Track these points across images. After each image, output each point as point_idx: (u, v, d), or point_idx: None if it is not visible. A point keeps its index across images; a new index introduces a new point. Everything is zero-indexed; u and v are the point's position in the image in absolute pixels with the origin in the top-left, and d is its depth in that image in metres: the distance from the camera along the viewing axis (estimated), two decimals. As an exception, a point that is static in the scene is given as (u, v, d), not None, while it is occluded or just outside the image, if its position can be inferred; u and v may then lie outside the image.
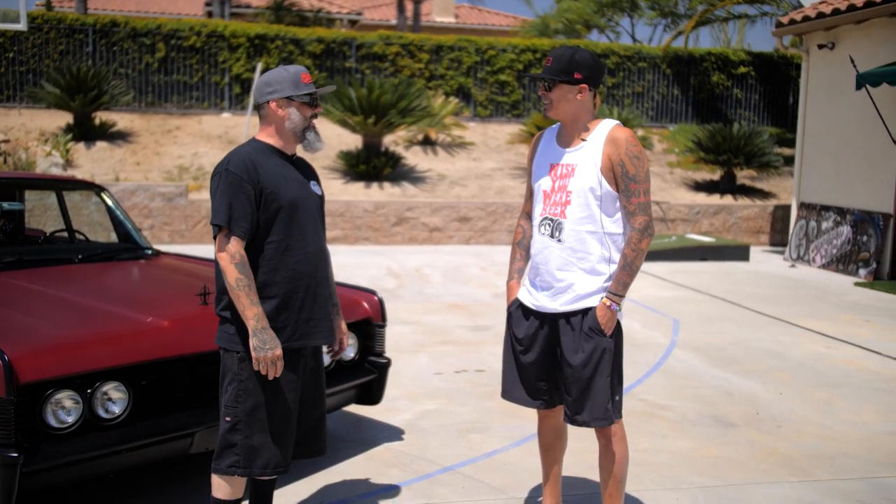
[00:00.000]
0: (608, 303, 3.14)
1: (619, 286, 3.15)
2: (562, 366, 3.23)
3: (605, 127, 3.19)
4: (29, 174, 7.53)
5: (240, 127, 15.65)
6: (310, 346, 3.12)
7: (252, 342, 2.91)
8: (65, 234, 5.55)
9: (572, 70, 3.14)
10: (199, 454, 3.67)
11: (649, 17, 23.01)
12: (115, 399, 3.39)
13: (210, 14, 22.19)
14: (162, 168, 14.11)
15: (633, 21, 24.15)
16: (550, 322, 3.24)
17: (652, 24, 23.56)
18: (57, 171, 12.83)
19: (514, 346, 3.34)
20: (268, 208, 2.98)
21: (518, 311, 3.35)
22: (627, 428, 4.62)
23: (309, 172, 3.23)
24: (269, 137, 3.12)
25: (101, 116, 15.09)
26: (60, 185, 5.93)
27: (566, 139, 3.25)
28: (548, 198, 3.22)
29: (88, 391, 3.33)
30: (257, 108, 3.14)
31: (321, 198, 3.22)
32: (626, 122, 15.62)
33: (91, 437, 3.31)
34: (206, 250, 10.83)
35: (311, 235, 3.08)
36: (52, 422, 3.24)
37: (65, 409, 3.27)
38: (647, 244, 3.15)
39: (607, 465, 3.28)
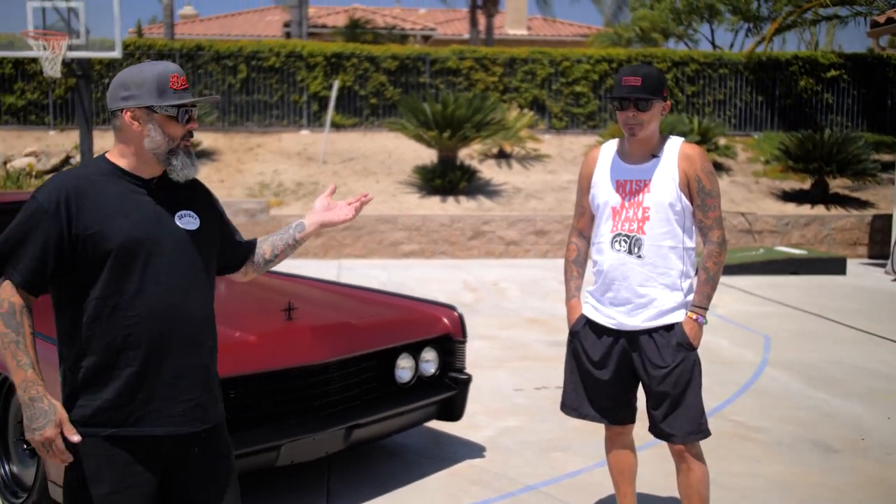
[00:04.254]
0: (694, 316, 3.15)
1: (704, 299, 3.17)
2: (647, 382, 3.19)
3: (675, 143, 3.21)
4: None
5: (317, 144, 15.93)
6: (148, 434, 2.27)
7: (24, 419, 2.18)
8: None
9: (662, 87, 3.16)
10: (283, 466, 3.74)
11: (730, 22, 22.52)
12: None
13: (288, 35, 22.68)
14: (244, 185, 14.46)
15: (713, 27, 23.67)
16: (628, 339, 3.22)
17: (733, 29, 23.03)
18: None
19: (586, 364, 3.31)
20: (89, 254, 2.22)
21: (586, 329, 3.32)
22: (717, 450, 4.53)
23: (179, 199, 2.40)
24: (120, 157, 2.34)
25: (187, 136, 15.56)
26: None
27: (633, 156, 3.23)
28: (618, 214, 3.21)
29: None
30: (111, 114, 2.37)
31: (197, 232, 2.38)
32: (707, 131, 15.34)
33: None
34: (287, 265, 11.02)
35: (161, 289, 2.27)
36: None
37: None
38: (725, 257, 3.20)
39: (689, 487, 3.21)
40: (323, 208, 2.68)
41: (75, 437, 2.19)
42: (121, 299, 2.24)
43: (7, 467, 3.85)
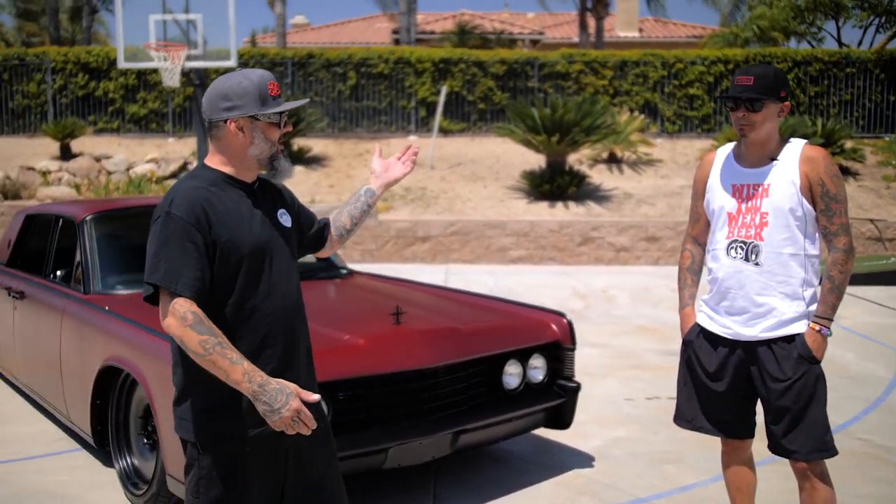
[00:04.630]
0: (818, 327, 2.99)
1: (829, 309, 3.00)
2: (766, 396, 3.05)
3: (797, 146, 3.06)
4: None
5: (425, 149, 16.05)
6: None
7: (259, 408, 2.23)
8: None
9: (779, 88, 3.02)
10: (391, 469, 3.75)
11: (858, 18, 21.43)
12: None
13: (397, 41, 23.00)
14: (353, 190, 14.68)
15: (839, 24, 22.60)
16: (745, 349, 3.08)
17: (861, 25, 21.90)
18: (259, 195, 13.69)
19: (700, 374, 3.19)
20: (224, 262, 2.31)
21: (700, 339, 3.20)
22: (843, 469, 4.28)
23: (275, 198, 2.54)
24: (224, 165, 2.41)
25: (298, 142, 15.95)
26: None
27: (751, 159, 3.10)
28: (734, 220, 3.08)
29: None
30: (208, 124, 2.42)
31: (290, 229, 2.52)
32: (832, 134, 14.66)
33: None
34: (396, 269, 11.14)
35: (284, 288, 2.41)
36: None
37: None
38: (852, 265, 3.01)
39: None
40: (383, 170, 2.80)
41: (315, 397, 2.30)
42: (257, 301, 2.34)
43: (129, 460, 4.01)
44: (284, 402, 2.21)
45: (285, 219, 2.50)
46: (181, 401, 2.39)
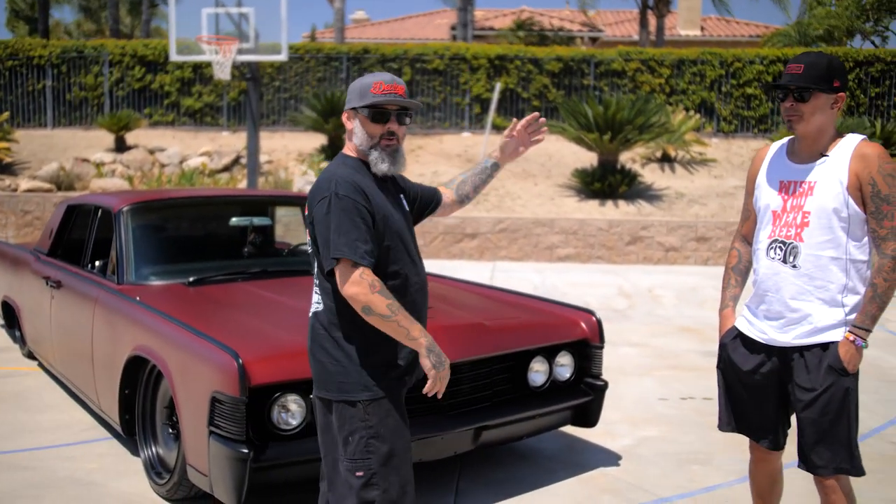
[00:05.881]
0: (852, 338, 2.81)
1: (867, 319, 2.80)
2: (795, 405, 2.94)
3: (851, 142, 2.87)
4: (275, 192, 8.16)
5: (478, 146, 16.06)
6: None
7: (428, 360, 2.63)
8: (307, 247, 5.94)
9: (832, 77, 2.83)
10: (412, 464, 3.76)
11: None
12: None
13: (454, 38, 23.03)
14: (404, 186, 14.78)
15: (904, 23, 21.94)
16: (780, 356, 2.95)
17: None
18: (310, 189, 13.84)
19: (733, 378, 3.09)
20: (384, 236, 2.67)
21: (737, 342, 3.08)
22: (877, 474, 4.18)
23: (397, 186, 2.92)
24: (354, 153, 2.79)
25: (350, 137, 16.08)
26: (304, 202, 6.33)
27: (802, 154, 2.94)
28: (778, 218, 2.93)
29: (312, 396, 3.51)
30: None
31: (410, 212, 2.92)
32: (891, 136, 14.26)
33: (313, 441, 3.48)
34: (442, 266, 11.19)
35: (419, 261, 2.81)
36: (279, 423, 3.45)
37: (290, 411, 3.47)
38: None
39: None
40: (514, 147, 3.26)
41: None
42: (408, 271, 2.72)
43: (154, 449, 4.09)
44: (445, 360, 2.67)
45: (405, 203, 2.88)
46: (346, 364, 2.67)
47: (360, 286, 2.54)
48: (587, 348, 4.43)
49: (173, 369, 3.68)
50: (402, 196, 2.88)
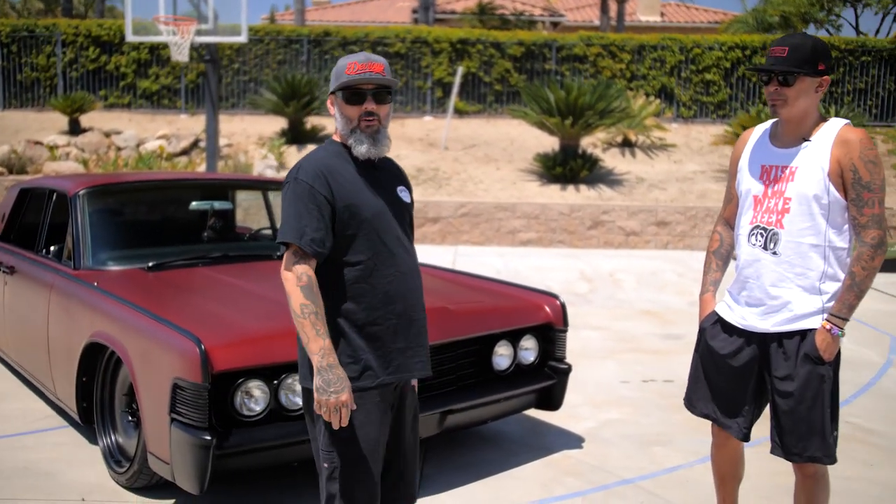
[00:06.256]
0: (828, 326, 2.78)
1: (844, 308, 2.78)
2: (771, 393, 2.92)
3: (834, 126, 2.82)
4: (236, 175, 8.06)
5: (440, 130, 16.03)
6: (406, 379, 2.70)
7: (315, 381, 2.46)
8: (269, 231, 5.89)
9: (817, 60, 2.77)
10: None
11: (878, 5, 21.15)
12: (298, 391, 3.50)
13: (416, 21, 22.91)
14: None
15: (858, 12, 22.32)
16: (759, 342, 2.93)
17: (885, 11, 21.61)
18: (271, 173, 13.71)
19: (709, 362, 3.07)
20: (347, 224, 2.57)
21: (716, 327, 3.05)
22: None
23: (395, 176, 2.80)
24: (337, 137, 2.71)
25: (311, 121, 15.95)
26: (265, 186, 6.27)
27: (785, 139, 2.89)
28: (759, 204, 2.89)
29: (275, 382, 3.49)
30: None
31: (411, 205, 2.80)
32: (845, 122, 14.51)
33: (276, 426, 3.47)
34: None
35: (401, 252, 2.67)
36: (242, 409, 3.42)
37: (253, 397, 3.44)
38: (880, 262, 2.77)
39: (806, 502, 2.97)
40: None
41: (354, 407, 2.51)
42: (378, 261, 2.60)
43: (113, 437, 4.02)
44: (340, 389, 2.45)
45: (405, 194, 2.76)
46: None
47: (291, 273, 2.51)
48: (551, 332, 4.45)
49: (133, 356, 3.61)
50: (402, 188, 2.76)
